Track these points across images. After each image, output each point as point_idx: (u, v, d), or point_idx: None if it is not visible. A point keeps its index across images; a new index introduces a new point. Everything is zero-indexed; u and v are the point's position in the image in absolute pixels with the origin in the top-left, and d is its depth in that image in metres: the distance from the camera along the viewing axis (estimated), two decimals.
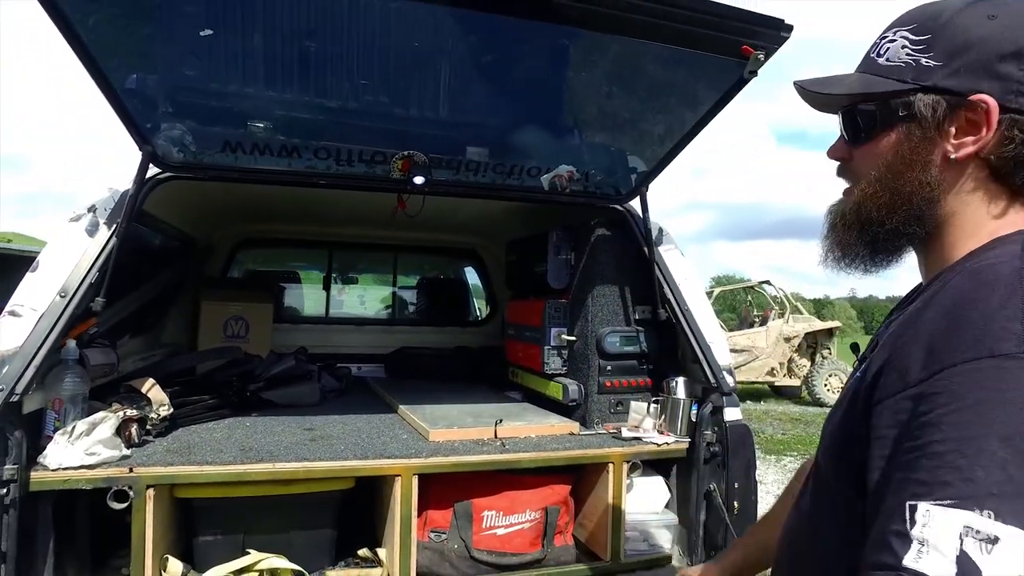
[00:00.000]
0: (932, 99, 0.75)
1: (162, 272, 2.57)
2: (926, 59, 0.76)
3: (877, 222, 0.79)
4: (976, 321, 0.64)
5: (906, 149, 0.77)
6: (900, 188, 0.78)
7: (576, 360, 2.41)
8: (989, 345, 0.61)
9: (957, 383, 0.61)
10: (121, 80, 1.60)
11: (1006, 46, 0.72)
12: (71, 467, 1.52)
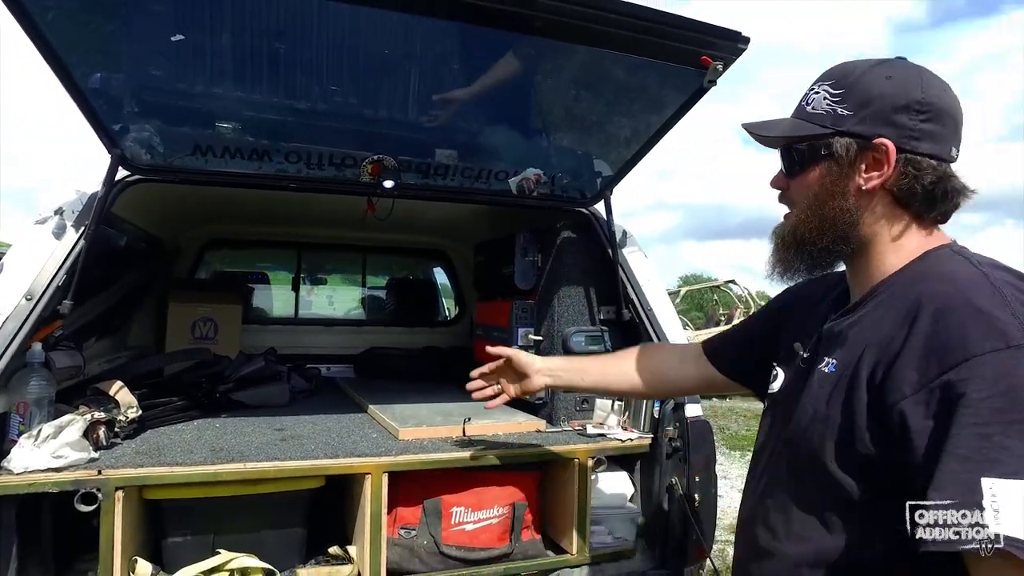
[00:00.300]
0: (847, 141, 0.94)
1: (129, 274, 2.55)
2: (842, 109, 0.94)
3: (810, 242, 0.98)
4: (980, 319, 0.78)
5: (828, 181, 0.96)
6: (826, 214, 0.96)
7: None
8: (1002, 338, 0.76)
9: (985, 371, 0.74)
10: (88, 80, 1.60)
11: (899, 101, 0.91)
12: (37, 470, 1.52)
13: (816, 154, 0.96)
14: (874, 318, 0.92)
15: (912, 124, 0.91)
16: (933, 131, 0.91)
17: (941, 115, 0.91)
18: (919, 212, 0.94)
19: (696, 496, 2.05)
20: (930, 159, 0.91)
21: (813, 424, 0.94)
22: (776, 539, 1.00)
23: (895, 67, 0.94)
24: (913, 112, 0.91)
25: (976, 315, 0.79)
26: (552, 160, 2.22)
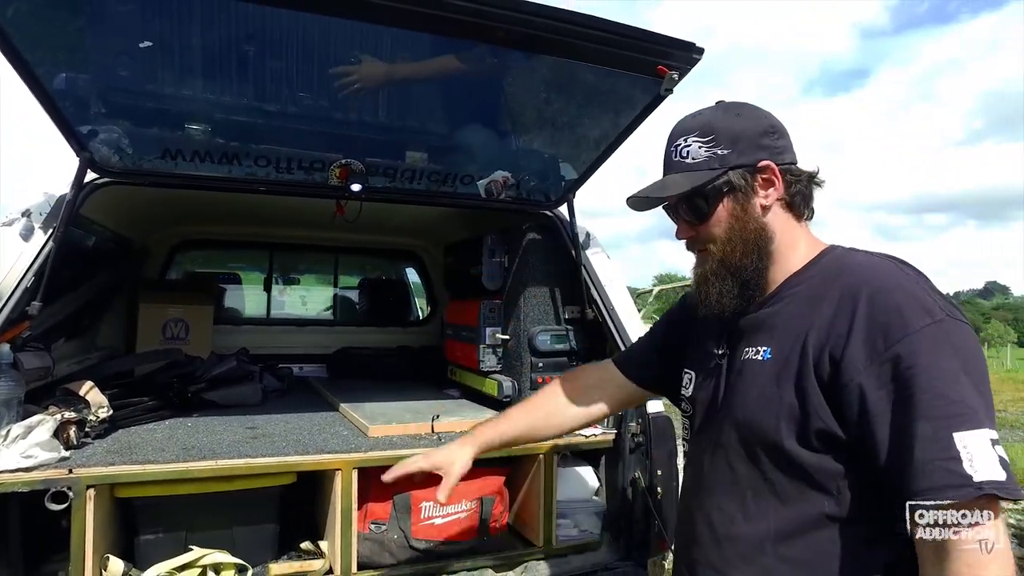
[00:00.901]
0: (739, 172, 1.09)
1: (98, 275, 2.55)
2: (720, 150, 1.10)
3: (741, 266, 1.10)
4: (910, 300, 0.93)
5: (739, 210, 1.10)
6: (747, 237, 1.10)
7: (510, 358, 2.53)
8: (929, 314, 0.92)
9: (924, 342, 0.90)
10: (53, 81, 1.60)
11: (758, 129, 1.10)
12: (7, 470, 1.53)
13: (718, 192, 1.10)
14: (796, 310, 1.06)
15: (774, 144, 1.10)
16: (786, 145, 1.12)
17: (783, 133, 1.12)
18: (800, 214, 1.13)
19: (659, 489, 2.13)
20: (796, 168, 1.12)
21: (764, 407, 1.04)
22: (735, 523, 1.08)
23: (736, 107, 1.13)
24: (770, 135, 1.10)
25: (906, 298, 0.94)
26: (518, 163, 2.28)
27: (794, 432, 0.99)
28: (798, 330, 1.02)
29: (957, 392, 0.87)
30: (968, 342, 0.92)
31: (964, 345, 0.91)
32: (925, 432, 0.86)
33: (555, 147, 2.29)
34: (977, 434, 0.84)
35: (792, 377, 1.01)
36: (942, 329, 0.91)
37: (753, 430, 1.05)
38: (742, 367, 1.11)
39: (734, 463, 1.09)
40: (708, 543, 1.12)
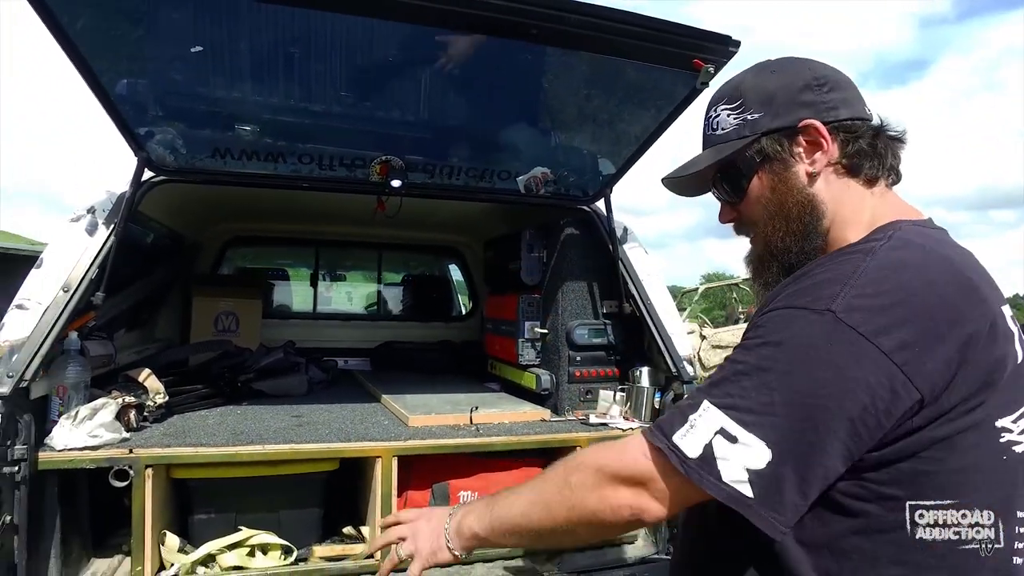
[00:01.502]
0: (773, 139, 0.93)
1: (155, 269, 2.69)
2: (750, 115, 0.94)
3: (786, 249, 0.94)
4: (816, 285, 0.80)
5: (777, 182, 0.94)
6: (789, 212, 0.93)
7: (548, 352, 2.56)
8: (799, 300, 0.79)
9: (771, 322, 0.80)
10: (115, 87, 1.71)
11: (797, 84, 0.93)
12: (75, 448, 1.65)
13: (751, 165, 0.95)
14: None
15: (821, 98, 0.92)
16: (842, 98, 0.92)
17: (839, 83, 0.93)
18: (871, 176, 0.92)
19: None
20: (856, 121, 0.92)
21: None
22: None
23: (772, 64, 0.97)
24: (815, 88, 0.92)
25: (817, 281, 0.80)
26: (556, 159, 2.30)
27: None
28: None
29: (752, 381, 0.77)
30: (801, 337, 0.76)
31: (793, 336, 0.77)
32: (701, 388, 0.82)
33: (592, 142, 2.30)
34: (720, 416, 0.77)
35: None
36: (793, 316, 0.78)
37: None
38: None
39: None
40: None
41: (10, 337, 1.61)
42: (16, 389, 1.57)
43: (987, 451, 0.77)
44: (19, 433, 1.56)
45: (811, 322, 0.76)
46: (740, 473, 0.74)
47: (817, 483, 0.75)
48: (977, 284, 0.79)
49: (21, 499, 1.54)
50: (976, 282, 0.79)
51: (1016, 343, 0.80)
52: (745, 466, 0.74)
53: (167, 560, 1.79)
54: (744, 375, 0.78)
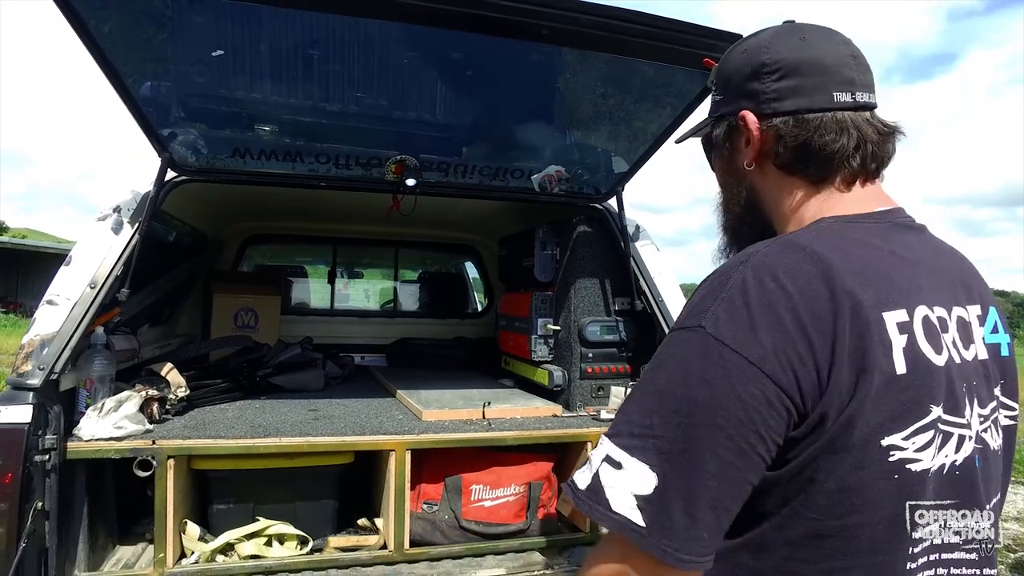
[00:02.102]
0: (722, 125, 0.92)
1: (177, 266, 2.76)
2: (716, 95, 0.93)
3: (731, 227, 0.96)
4: (691, 302, 0.78)
5: (721, 167, 0.95)
6: (728, 200, 0.95)
7: (561, 348, 2.58)
8: (681, 320, 0.77)
9: (660, 346, 0.78)
10: (138, 88, 1.77)
11: (747, 70, 0.87)
12: (101, 438, 1.71)
13: (709, 145, 0.97)
14: None
15: (766, 87, 0.85)
16: (794, 86, 0.84)
17: (798, 67, 0.84)
18: (814, 176, 0.85)
19: None
20: (796, 116, 0.84)
21: None
22: None
23: (754, 37, 0.91)
24: (763, 76, 0.85)
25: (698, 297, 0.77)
26: (569, 157, 2.32)
27: None
28: None
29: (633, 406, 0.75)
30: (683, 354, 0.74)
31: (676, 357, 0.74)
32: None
33: (604, 141, 2.32)
34: (607, 445, 0.74)
35: None
36: (676, 337, 0.76)
37: None
38: None
39: None
40: None
41: (41, 331, 1.68)
42: (47, 381, 1.63)
43: (873, 472, 0.72)
44: (50, 423, 1.63)
45: (685, 340, 0.74)
46: (628, 500, 0.71)
47: (705, 505, 0.69)
48: (851, 289, 0.72)
49: (51, 486, 1.61)
50: (850, 287, 0.72)
51: (897, 353, 0.73)
52: (632, 492, 0.71)
53: (188, 548, 1.85)
54: (630, 401, 0.76)
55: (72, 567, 1.73)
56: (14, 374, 1.62)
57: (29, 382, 1.61)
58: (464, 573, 1.96)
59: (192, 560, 1.83)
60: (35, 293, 22.28)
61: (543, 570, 2.04)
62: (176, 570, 1.77)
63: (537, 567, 2.04)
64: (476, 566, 1.99)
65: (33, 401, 1.59)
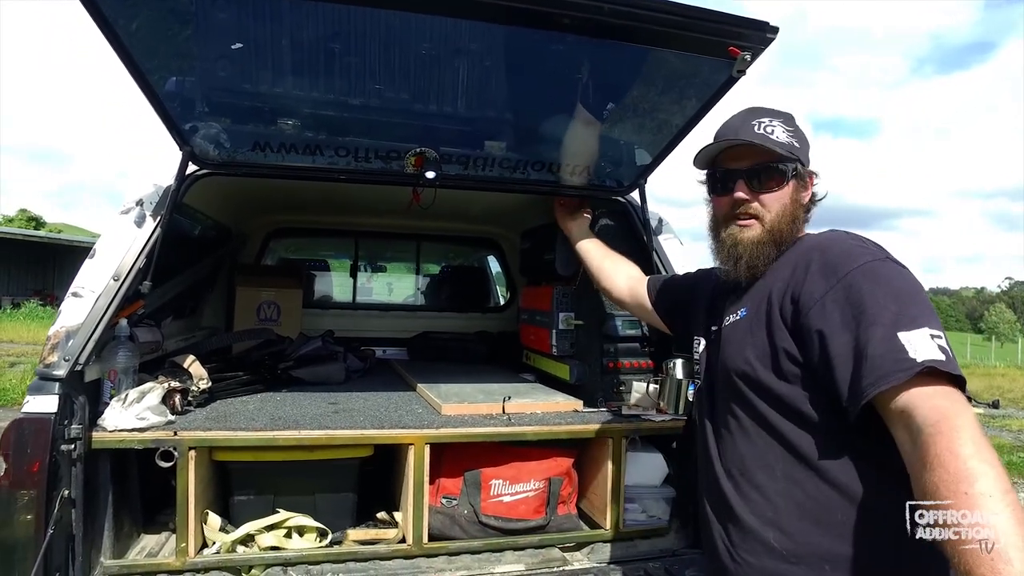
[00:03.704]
0: (803, 168, 1.32)
1: (201, 260, 2.79)
2: (797, 143, 1.31)
3: (784, 239, 1.29)
4: (854, 247, 1.15)
5: (796, 195, 1.31)
6: (797, 216, 1.31)
7: (582, 343, 2.56)
8: (870, 254, 1.12)
9: (868, 273, 1.08)
10: (161, 84, 1.78)
11: (809, 148, 1.34)
12: (125, 429, 1.73)
13: (788, 174, 1.30)
14: (767, 278, 1.27)
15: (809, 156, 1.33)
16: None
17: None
18: (807, 219, 1.34)
19: None
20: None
21: (743, 352, 1.23)
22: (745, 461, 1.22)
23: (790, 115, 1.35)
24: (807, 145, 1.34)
25: (851, 246, 1.16)
26: (589, 151, 2.28)
27: (768, 366, 1.17)
28: (765, 289, 1.24)
29: (899, 304, 1.02)
30: (906, 274, 1.10)
31: (901, 274, 1.09)
32: (875, 335, 1.00)
33: (627, 133, 2.27)
34: (918, 332, 0.99)
35: (762, 323, 1.20)
36: (883, 264, 1.10)
37: (739, 372, 1.23)
38: (727, 329, 1.32)
39: (735, 409, 1.25)
40: (727, 485, 1.25)
41: (66, 323, 1.70)
42: (72, 372, 1.66)
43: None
44: (75, 413, 1.65)
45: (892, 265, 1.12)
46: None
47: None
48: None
49: (77, 475, 1.64)
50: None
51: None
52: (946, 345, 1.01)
53: (209, 538, 1.87)
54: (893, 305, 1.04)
55: (98, 554, 1.76)
56: (41, 365, 1.65)
57: (55, 373, 1.64)
58: (483, 568, 1.96)
59: (213, 550, 1.85)
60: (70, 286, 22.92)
61: (562, 566, 2.03)
62: (198, 560, 1.80)
63: (556, 563, 2.03)
64: (495, 561, 1.99)
65: (59, 391, 1.62)
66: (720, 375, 1.31)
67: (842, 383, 1.03)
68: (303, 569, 1.83)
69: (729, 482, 1.25)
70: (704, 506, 1.35)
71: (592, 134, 2.16)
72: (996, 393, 13.09)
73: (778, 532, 1.14)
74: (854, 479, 1.08)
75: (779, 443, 1.16)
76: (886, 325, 1.00)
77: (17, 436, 1.57)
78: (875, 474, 1.06)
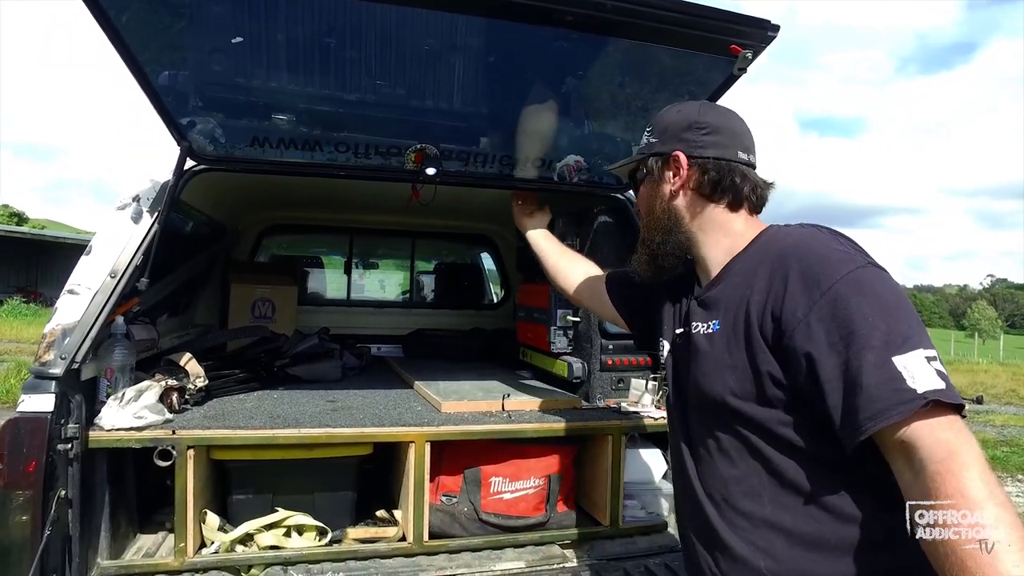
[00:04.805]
0: (655, 160, 1.26)
1: (195, 256, 2.76)
2: (651, 138, 1.28)
3: (650, 241, 1.29)
4: (833, 254, 1.04)
5: (649, 192, 1.29)
6: (654, 217, 1.27)
7: (580, 340, 2.56)
8: (852, 262, 1.01)
9: (852, 284, 0.99)
10: (159, 78, 1.75)
11: (683, 123, 1.24)
12: (122, 428, 1.71)
13: (641, 174, 1.30)
14: (737, 283, 1.15)
15: (696, 138, 1.22)
16: (714, 141, 1.21)
17: (718, 130, 1.22)
18: (729, 203, 1.21)
19: None
20: (715, 160, 1.20)
21: (720, 374, 1.13)
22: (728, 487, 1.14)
23: (684, 104, 1.28)
24: (694, 129, 1.22)
25: (830, 251, 1.05)
26: (589, 147, 2.28)
27: (751, 392, 1.08)
28: (739, 300, 1.12)
29: (888, 321, 0.95)
30: (890, 282, 1.01)
31: (885, 282, 1.00)
32: (868, 360, 0.93)
33: (626, 130, 2.27)
34: (913, 355, 0.92)
35: (741, 342, 1.10)
36: (866, 273, 1.00)
37: (718, 398, 1.13)
38: (696, 342, 1.21)
39: (714, 430, 1.17)
40: (710, 510, 1.17)
41: (63, 321, 1.68)
42: (68, 370, 1.63)
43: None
44: (72, 412, 1.63)
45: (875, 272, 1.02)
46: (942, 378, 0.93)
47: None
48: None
49: (74, 475, 1.61)
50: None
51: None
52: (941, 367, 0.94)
53: (208, 538, 1.85)
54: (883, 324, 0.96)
55: (95, 555, 1.73)
56: (37, 363, 1.62)
57: (51, 371, 1.61)
58: (483, 566, 1.96)
59: (212, 550, 1.83)
60: (54, 283, 22.64)
61: (562, 563, 2.03)
62: (196, 559, 1.78)
63: (556, 560, 2.03)
64: (495, 559, 1.99)
65: (55, 390, 1.59)
66: (694, 393, 1.22)
67: (835, 411, 0.96)
68: (303, 568, 1.82)
69: (713, 508, 1.17)
70: (686, 530, 1.27)
71: (592, 131, 2.16)
72: (979, 389, 13.34)
73: (770, 560, 1.08)
74: (847, 503, 1.02)
75: (764, 468, 1.09)
76: (877, 348, 0.93)
77: (13, 436, 1.54)
78: (869, 498, 1.01)
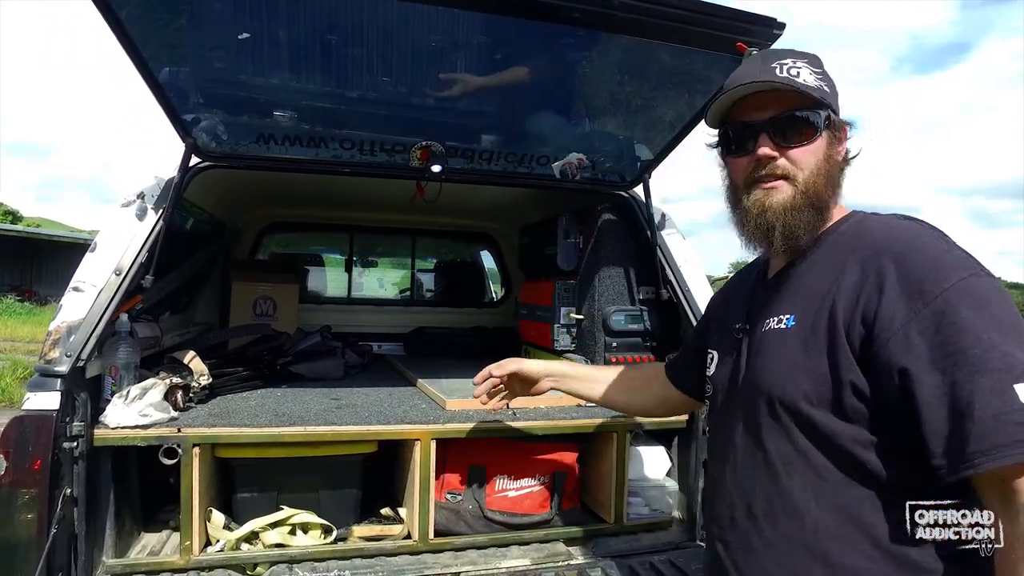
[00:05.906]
0: (836, 118, 1.06)
1: (197, 254, 2.75)
2: (827, 87, 1.05)
3: (823, 201, 1.05)
4: (941, 256, 0.90)
5: (828, 150, 1.06)
6: (830, 175, 1.06)
7: (584, 337, 2.55)
8: (966, 268, 0.88)
9: (963, 295, 0.86)
10: (164, 74, 1.74)
11: (838, 97, 1.07)
12: (127, 426, 1.70)
13: (820, 123, 1.04)
14: (820, 274, 1.02)
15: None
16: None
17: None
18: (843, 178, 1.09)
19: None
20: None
21: (793, 377, 0.98)
22: (771, 503, 1.02)
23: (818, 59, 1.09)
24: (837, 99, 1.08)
25: (938, 253, 0.91)
26: (593, 144, 2.28)
27: (828, 401, 0.94)
28: (822, 295, 0.98)
29: (1009, 344, 0.81)
30: (1005, 295, 0.88)
31: (1002, 298, 0.87)
32: (982, 386, 0.80)
33: (630, 128, 2.28)
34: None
35: (821, 344, 0.95)
36: (980, 282, 0.87)
37: (784, 402, 0.99)
38: (764, 338, 1.06)
39: (764, 439, 1.03)
40: (744, 524, 1.06)
41: (68, 318, 1.67)
42: (74, 368, 1.62)
43: None
44: (77, 410, 1.62)
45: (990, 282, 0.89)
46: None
47: None
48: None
49: (79, 473, 1.61)
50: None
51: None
52: None
53: (213, 536, 1.84)
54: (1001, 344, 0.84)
55: (100, 553, 1.73)
56: (42, 361, 1.61)
57: (57, 369, 1.60)
58: (489, 563, 1.95)
59: (217, 548, 1.83)
60: (49, 282, 22.52)
61: (567, 560, 2.02)
62: (202, 558, 1.77)
63: (562, 557, 2.02)
64: (501, 556, 1.98)
65: (61, 388, 1.58)
66: (750, 393, 1.06)
67: (933, 437, 0.84)
68: (309, 566, 1.81)
69: (749, 522, 1.05)
70: (713, 537, 1.15)
71: (596, 129, 2.16)
72: None
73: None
74: (909, 544, 0.89)
75: (814, 488, 0.96)
76: (995, 374, 0.80)
77: (18, 434, 1.53)
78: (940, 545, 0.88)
